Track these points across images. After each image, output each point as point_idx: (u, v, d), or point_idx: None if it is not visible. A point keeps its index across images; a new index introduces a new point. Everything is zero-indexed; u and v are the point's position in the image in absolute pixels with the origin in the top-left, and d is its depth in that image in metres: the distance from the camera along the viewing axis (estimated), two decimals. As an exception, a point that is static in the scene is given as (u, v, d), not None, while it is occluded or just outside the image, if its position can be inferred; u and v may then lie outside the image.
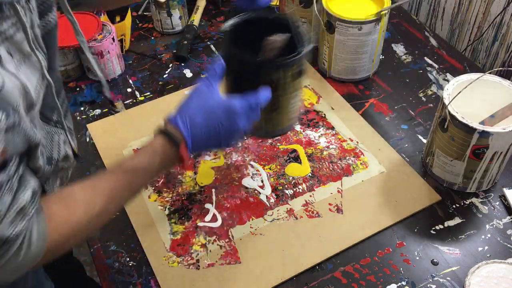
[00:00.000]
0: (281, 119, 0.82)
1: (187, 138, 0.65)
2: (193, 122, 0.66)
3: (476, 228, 0.88)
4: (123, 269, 0.85)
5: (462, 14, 1.37)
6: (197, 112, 0.66)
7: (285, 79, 0.75)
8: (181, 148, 0.65)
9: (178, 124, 0.66)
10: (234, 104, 0.67)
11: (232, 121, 0.67)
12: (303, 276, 0.83)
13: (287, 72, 0.74)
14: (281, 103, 0.79)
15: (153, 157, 0.65)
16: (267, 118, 0.80)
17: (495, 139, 0.82)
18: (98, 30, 1.13)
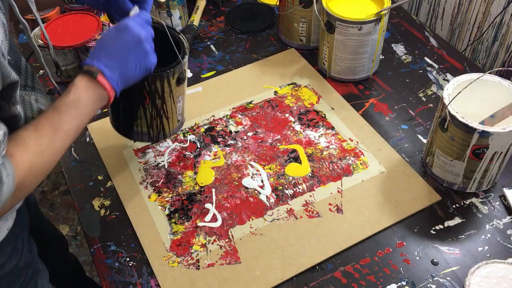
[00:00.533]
0: (168, 124, 0.89)
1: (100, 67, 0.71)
2: (101, 52, 0.72)
3: (476, 228, 0.88)
4: (123, 269, 0.85)
5: (462, 14, 1.37)
6: (103, 44, 0.74)
7: (170, 87, 0.83)
8: (99, 78, 0.71)
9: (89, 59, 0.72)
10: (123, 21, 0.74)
11: (129, 33, 0.73)
12: (303, 276, 0.83)
13: (170, 80, 0.82)
14: (169, 109, 0.87)
15: (77, 92, 0.70)
16: (154, 124, 0.87)
17: (495, 139, 0.82)
18: (98, 30, 1.13)
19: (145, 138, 0.90)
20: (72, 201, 0.96)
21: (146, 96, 0.82)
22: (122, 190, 0.95)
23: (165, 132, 0.90)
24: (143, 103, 0.84)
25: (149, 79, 0.80)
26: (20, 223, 0.85)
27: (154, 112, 0.85)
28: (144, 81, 0.80)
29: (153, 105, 0.84)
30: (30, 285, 0.87)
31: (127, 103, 0.84)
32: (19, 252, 0.83)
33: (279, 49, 1.25)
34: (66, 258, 1.29)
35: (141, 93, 0.82)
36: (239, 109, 1.09)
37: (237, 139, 1.03)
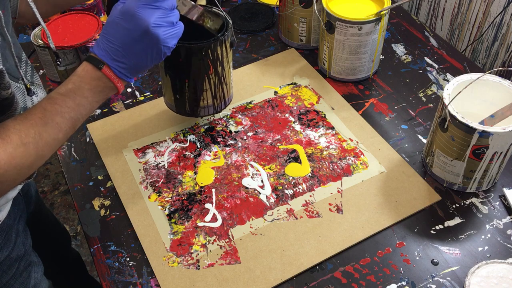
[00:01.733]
0: (227, 90, 0.91)
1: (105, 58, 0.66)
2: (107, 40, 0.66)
3: (476, 228, 0.88)
4: (123, 269, 0.85)
5: (462, 14, 1.37)
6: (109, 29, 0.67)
7: (226, 51, 0.85)
8: (104, 69, 0.66)
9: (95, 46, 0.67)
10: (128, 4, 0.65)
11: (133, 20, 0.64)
12: (303, 276, 0.83)
13: (226, 43, 0.84)
14: (226, 75, 0.89)
15: (78, 82, 0.66)
16: (217, 93, 0.89)
17: (495, 139, 0.82)
18: (98, 30, 1.13)
19: (211, 111, 0.91)
20: (72, 201, 0.96)
21: (210, 65, 0.83)
22: (122, 190, 0.95)
23: (225, 100, 0.91)
24: (208, 74, 0.84)
25: (212, 46, 0.81)
26: (14, 215, 0.85)
27: (217, 80, 0.86)
28: (208, 49, 0.81)
29: (216, 73, 0.85)
30: (22, 277, 0.87)
31: (193, 79, 0.84)
32: (11, 243, 0.83)
33: (279, 49, 1.25)
34: (68, 252, 1.29)
35: (206, 64, 0.82)
36: (239, 109, 1.09)
37: (237, 139, 1.03)
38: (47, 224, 1.15)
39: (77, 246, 1.79)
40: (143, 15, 0.64)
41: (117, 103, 1.12)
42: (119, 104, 1.12)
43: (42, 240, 1.00)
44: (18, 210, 0.88)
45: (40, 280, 0.93)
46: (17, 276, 0.85)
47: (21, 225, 0.88)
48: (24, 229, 0.89)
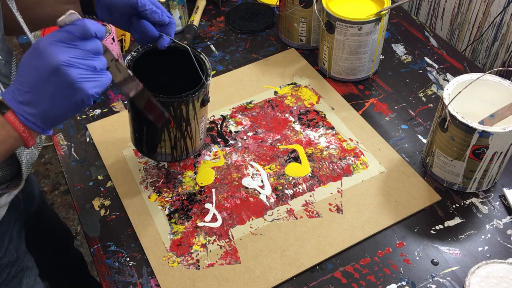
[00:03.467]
0: (191, 144, 0.88)
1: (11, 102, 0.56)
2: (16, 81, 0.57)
3: (476, 228, 0.88)
4: (123, 269, 0.85)
5: (462, 14, 1.37)
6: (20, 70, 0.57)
7: (194, 110, 0.81)
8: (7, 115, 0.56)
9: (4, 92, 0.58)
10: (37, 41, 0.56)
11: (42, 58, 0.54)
12: (303, 276, 0.83)
13: (195, 103, 0.80)
14: (193, 130, 0.85)
15: None
16: (177, 145, 0.86)
17: (495, 139, 0.82)
18: (98, 30, 1.12)
19: (168, 159, 0.89)
20: (72, 201, 0.96)
21: (171, 120, 0.80)
22: (122, 190, 0.95)
23: (188, 151, 0.89)
24: (168, 127, 0.82)
25: (175, 104, 0.78)
26: (9, 219, 0.84)
27: (178, 134, 0.84)
28: (169, 106, 0.77)
29: (177, 128, 0.83)
30: (13, 283, 0.85)
31: (150, 127, 0.83)
32: (3, 249, 0.82)
33: (279, 49, 1.25)
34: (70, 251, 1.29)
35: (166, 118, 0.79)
36: (239, 109, 1.09)
37: (237, 139, 1.03)
38: (49, 223, 1.15)
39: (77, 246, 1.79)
40: (53, 51, 0.54)
41: (117, 103, 1.12)
42: (119, 104, 1.12)
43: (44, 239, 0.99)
44: (14, 214, 0.87)
45: (33, 284, 0.91)
46: (7, 282, 0.84)
47: (16, 230, 0.87)
48: (18, 233, 0.88)
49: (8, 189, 0.68)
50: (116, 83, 0.65)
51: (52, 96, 0.56)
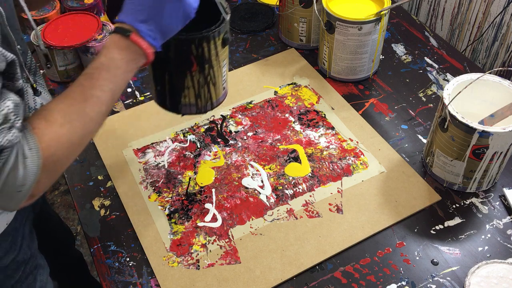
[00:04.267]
0: (215, 91, 0.84)
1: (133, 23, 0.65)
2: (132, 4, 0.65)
3: (476, 228, 0.88)
4: (123, 269, 0.85)
5: (462, 14, 1.37)
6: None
7: (216, 49, 0.78)
8: (132, 36, 0.65)
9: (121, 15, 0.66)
10: None
11: None
12: (303, 276, 0.83)
13: (216, 41, 0.77)
14: (215, 74, 0.82)
15: (109, 54, 0.65)
16: (202, 93, 0.82)
17: (495, 139, 0.82)
18: (98, 30, 1.13)
19: (193, 110, 0.85)
20: (72, 201, 0.96)
21: (193, 62, 0.78)
22: (122, 190, 0.95)
23: (212, 101, 0.85)
24: (190, 71, 0.79)
25: (196, 41, 0.76)
26: (20, 218, 0.85)
27: (202, 79, 0.81)
28: (191, 44, 0.76)
29: (200, 71, 0.80)
30: (28, 281, 0.86)
31: (173, 73, 0.80)
32: (17, 247, 0.83)
33: (279, 49, 1.25)
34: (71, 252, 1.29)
35: (188, 60, 0.78)
36: (239, 109, 1.09)
37: (237, 139, 1.03)
38: (51, 224, 1.15)
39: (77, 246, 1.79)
40: None
41: (117, 103, 1.12)
42: (119, 104, 1.12)
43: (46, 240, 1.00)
44: (24, 213, 0.88)
45: (46, 282, 0.92)
46: (22, 280, 0.85)
47: (27, 228, 0.88)
48: (30, 231, 0.89)
49: None
50: None
51: (166, 11, 0.65)
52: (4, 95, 0.57)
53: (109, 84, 0.65)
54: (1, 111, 0.55)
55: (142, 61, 0.68)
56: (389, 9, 1.05)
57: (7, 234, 0.80)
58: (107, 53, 0.65)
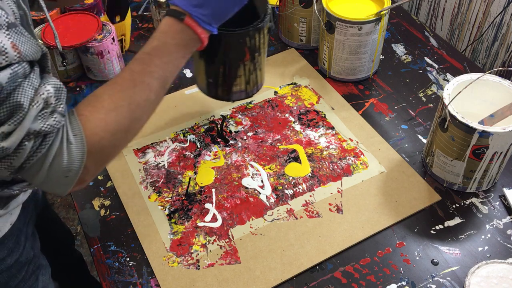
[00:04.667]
0: (260, 76, 0.88)
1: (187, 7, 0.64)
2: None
3: (476, 228, 0.88)
4: (123, 269, 0.85)
5: (462, 14, 1.37)
6: None
7: (264, 38, 0.81)
8: (186, 20, 0.64)
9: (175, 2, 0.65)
10: None
11: None
12: (303, 276, 0.83)
13: (264, 30, 0.81)
14: (261, 61, 0.86)
15: (162, 38, 0.64)
16: (251, 79, 0.86)
17: (495, 139, 0.82)
18: (98, 30, 1.13)
19: (243, 96, 0.89)
20: (72, 201, 0.96)
21: (247, 52, 0.81)
22: (122, 190, 0.95)
23: (258, 85, 0.89)
24: (243, 61, 0.82)
25: (250, 34, 0.79)
26: (24, 219, 0.86)
27: (252, 66, 0.84)
28: (246, 37, 0.79)
29: (251, 60, 0.83)
30: (30, 281, 0.87)
31: (227, 66, 0.83)
32: (21, 247, 0.83)
33: (279, 49, 1.25)
34: (72, 253, 1.30)
35: (242, 51, 0.80)
36: (239, 109, 1.09)
37: (237, 139, 1.03)
38: (52, 224, 1.15)
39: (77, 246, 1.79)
40: None
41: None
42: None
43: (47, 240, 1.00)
44: (27, 213, 0.88)
45: (48, 283, 0.93)
46: (25, 280, 0.85)
47: (30, 228, 0.89)
48: (33, 232, 0.90)
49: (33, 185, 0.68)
50: None
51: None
52: (44, 79, 0.57)
53: (159, 71, 0.64)
54: (41, 95, 0.55)
55: (195, 46, 0.66)
56: (389, 9, 1.05)
57: (12, 234, 0.80)
58: (160, 37, 0.64)
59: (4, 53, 0.51)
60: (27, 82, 0.53)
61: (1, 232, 0.78)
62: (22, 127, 0.53)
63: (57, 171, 0.58)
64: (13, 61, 0.52)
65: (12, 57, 0.51)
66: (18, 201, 0.79)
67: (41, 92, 0.55)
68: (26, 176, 0.58)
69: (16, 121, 0.53)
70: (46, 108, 0.55)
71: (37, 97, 0.54)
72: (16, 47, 0.52)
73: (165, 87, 0.66)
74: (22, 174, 0.58)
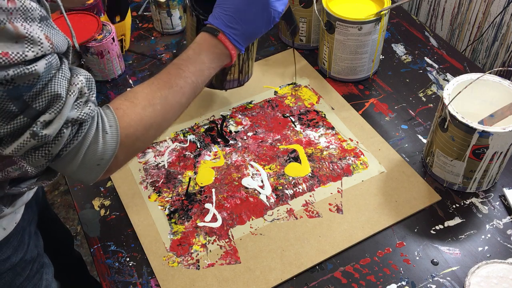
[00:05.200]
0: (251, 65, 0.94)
1: (220, 26, 0.72)
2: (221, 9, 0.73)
3: (476, 228, 0.88)
4: (123, 269, 0.85)
5: (462, 14, 1.37)
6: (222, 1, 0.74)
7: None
8: (220, 36, 0.72)
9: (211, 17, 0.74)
10: None
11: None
12: (303, 276, 0.83)
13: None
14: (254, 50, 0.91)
15: (197, 49, 0.72)
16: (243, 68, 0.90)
17: (495, 139, 0.82)
18: (98, 30, 1.13)
19: (235, 84, 0.92)
20: (72, 201, 0.96)
21: None
22: (122, 190, 0.95)
23: (249, 73, 0.92)
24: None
25: None
26: (28, 217, 0.86)
27: (245, 56, 0.87)
28: None
29: (246, 50, 0.85)
30: (35, 279, 0.87)
31: None
32: (25, 245, 0.84)
33: (279, 49, 1.25)
34: (71, 253, 1.30)
35: None
36: (239, 109, 1.09)
37: (237, 139, 1.03)
38: (52, 224, 1.16)
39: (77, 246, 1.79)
40: None
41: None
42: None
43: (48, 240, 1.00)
44: (30, 213, 0.89)
45: (51, 281, 0.93)
46: (30, 278, 0.86)
47: (33, 228, 0.89)
48: (35, 231, 0.90)
49: (40, 182, 0.70)
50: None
51: (253, 17, 0.73)
52: (75, 70, 0.60)
53: (192, 76, 0.70)
54: (76, 85, 0.58)
55: (226, 61, 0.75)
56: (389, 9, 1.05)
57: (17, 232, 0.81)
58: (196, 47, 0.72)
59: (40, 44, 0.53)
60: (60, 73, 0.57)
61: (7, 230, 0.78)
62: (61, 115, 0.56)
63: (91, 159, 0.62)
64: (47, 51, 0.54)
65: (47, 48, 0.54)
66: (23, 200, 0.81)
67: (75, 82, 0.58)
68: (60, 164, 0.61)
69: (56, 110, 0.56)
70: (81, 98, 0.59)
71: (72, 86, 0.58)
72: (48, 38, 0.54)
73: (196, 93, 0.72)
74: (57, 162, 0.61)
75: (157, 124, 0.67)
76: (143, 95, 0.66)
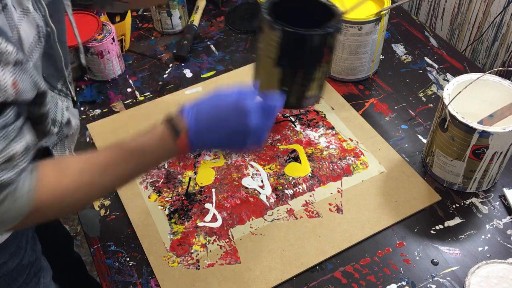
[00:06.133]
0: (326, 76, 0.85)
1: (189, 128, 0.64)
2: (200, 113, 0.64)
3: (476, 228, 0.88)
4: (123, 269, 0.85)
5: (462, 14, 1.37)
6: (208, 105, 0.65)
7: (337, 37, 0.78)
8: (181, 138, 0.64)
9: (184, 113, 0.65)
10: (246, 103, 0.65)
11: (241, 118, 0.64)
12: (303, 276, 0.83)
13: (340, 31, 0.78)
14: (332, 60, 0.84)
15: (151, 140, 0.66)
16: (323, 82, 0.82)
17: (495, 139, 0.82)
18: (98, 30, 1.13)
19: (312, 101, 0.85)
20: (72, 201, 0.96)
21: (325, 53, 0.77)
22: (122, 190, 0.95)
23: (323, 87, 0.84)
24: (321, 62, 0.78)
25: (334, 35, 0.75)
26: None
27: (326, 68, 0.80)
28: (327, 37, 0.75)
29: (327, 62, 0.79)
30: (32, 283, 0.87)
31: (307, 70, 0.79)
32: (22, 250, 0.84)
33: (279, 49, 1.25)
34: (71, 255, 1.30)
35: (321, 52, 0.77)
36: (239, 109, 1.09)
37: (237, 139, 1.03)
38: (52, 227, 1.15)
39: (77, 246, 1.79)
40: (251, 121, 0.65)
41: (117, 103, 1.12)
42: (119, 104, 1.12)
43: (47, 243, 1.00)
44: None
45: (49, 285, 0.93)
46: (27, 282, 0.86)
47: (30, 231, 0.89)
48: (33, 235, 0.90)
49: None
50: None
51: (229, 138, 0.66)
52: (19, 135, 0.57)
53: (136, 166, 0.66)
54: (9, 152, 0.55)
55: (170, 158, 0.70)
56: (389, 9, 1.05)
57: (14, 237, 0.81)
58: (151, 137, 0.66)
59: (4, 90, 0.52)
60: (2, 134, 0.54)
61: (4, 237, 0.78)
62: None
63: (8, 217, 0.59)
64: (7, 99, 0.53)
65: (9, 94, 0.53)
66: None
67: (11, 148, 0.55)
68: None
69: None
70: (8, 162, 0.56)
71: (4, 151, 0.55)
72: (16, 85, 0.53)
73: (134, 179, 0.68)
74: None
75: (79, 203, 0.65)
76: (74, 170, 0.62)
